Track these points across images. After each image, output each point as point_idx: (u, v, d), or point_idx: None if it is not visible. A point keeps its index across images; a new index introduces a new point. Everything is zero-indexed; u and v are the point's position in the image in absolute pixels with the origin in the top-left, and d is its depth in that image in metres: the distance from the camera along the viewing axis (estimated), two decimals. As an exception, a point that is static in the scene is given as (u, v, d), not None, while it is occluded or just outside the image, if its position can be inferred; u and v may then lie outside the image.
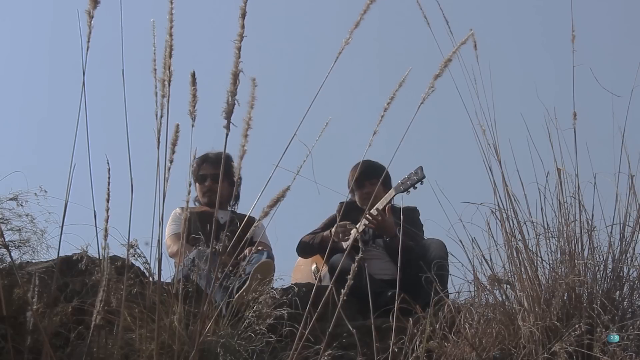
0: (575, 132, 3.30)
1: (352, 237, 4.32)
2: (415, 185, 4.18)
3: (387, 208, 4.31)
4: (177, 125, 2.29)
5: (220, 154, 4.39)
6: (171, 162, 2.31)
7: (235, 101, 2.02)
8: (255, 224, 2.36)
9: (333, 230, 4.32)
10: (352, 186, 4.51)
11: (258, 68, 2.17)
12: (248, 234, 2.41)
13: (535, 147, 3.27)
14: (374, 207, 4.31)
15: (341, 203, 4.59)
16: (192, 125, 2.24)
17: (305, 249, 4.56)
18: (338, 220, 4.41)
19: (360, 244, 2.64)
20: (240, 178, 3.48)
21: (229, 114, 2.04)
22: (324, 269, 4.38)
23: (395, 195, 4.28)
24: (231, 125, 2.07)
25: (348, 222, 4.30)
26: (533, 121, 3.33)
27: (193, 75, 2.19)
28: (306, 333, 2.32)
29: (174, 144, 2.29)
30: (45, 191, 3.41)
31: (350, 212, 4.42)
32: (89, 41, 2.34)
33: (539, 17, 8.61)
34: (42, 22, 9.66)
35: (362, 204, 4.52)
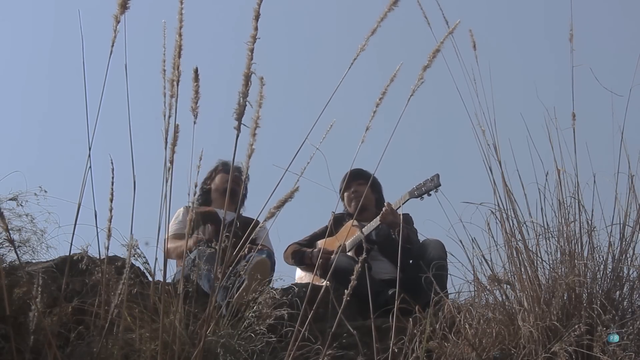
0: (574, 132, 3.30)
1: (356, 239, 4.36)
2: (430, 193, 4.17)
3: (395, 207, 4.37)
4: (177, 126, 2.28)
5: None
6: (171, 162, 2.30)
7: (248, 103, 2.01)
8: (260, 225, 2.36)
9: (315, 253, 4.50)
10: (340, 187, 4.56)
11: (260, 68, 2.16)
12: (252, 234, 2.41)
13: (535, 147, 3.28)
14: (386, 202, 4.39)
15: (333, 213, 4.66)
16: (194, 122, 2.23)
17: (287, 262, 4.69)
18: (328, 230, 4.49)
19: (365, 245, 2.64)
20: (247, 178, 3.48)
21: (240, 115, 2.03)
22: (348, 241, 4.46)
23: (409, 199, 4.28)
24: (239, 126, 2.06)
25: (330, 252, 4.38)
26: (533, 121, 3.33)
27: (196, 71, 2.18)
28: (303, 331, 2.31)
29: (174, 144, 2.28)
30: (45, 191, 3.41)
31: (341, 223, 4.59)
32: (112, 45, 2.33)
33: (539, 17, 8.62)
34: (43, 22, 9.65)
35: (349, 204, 4.63)
